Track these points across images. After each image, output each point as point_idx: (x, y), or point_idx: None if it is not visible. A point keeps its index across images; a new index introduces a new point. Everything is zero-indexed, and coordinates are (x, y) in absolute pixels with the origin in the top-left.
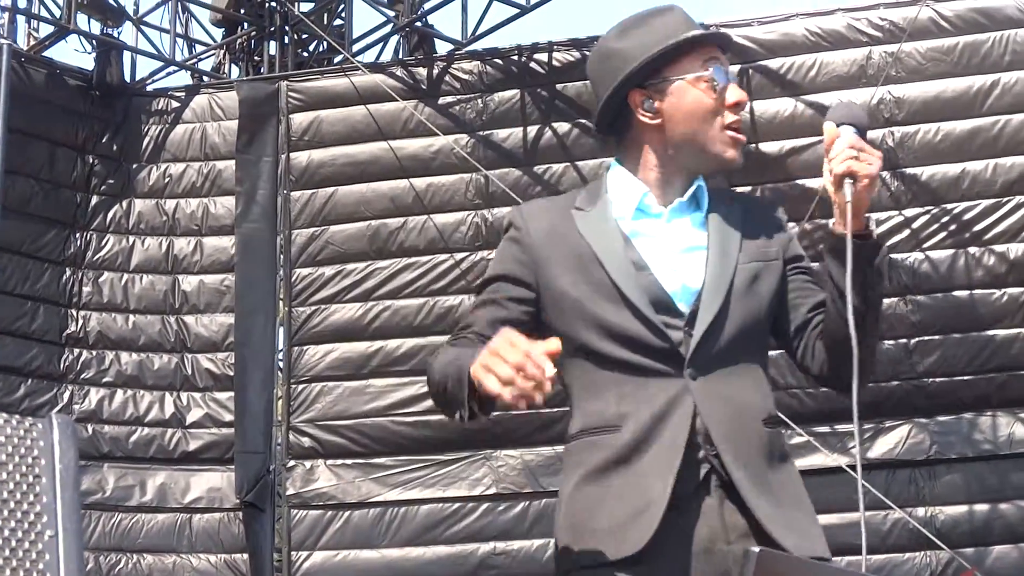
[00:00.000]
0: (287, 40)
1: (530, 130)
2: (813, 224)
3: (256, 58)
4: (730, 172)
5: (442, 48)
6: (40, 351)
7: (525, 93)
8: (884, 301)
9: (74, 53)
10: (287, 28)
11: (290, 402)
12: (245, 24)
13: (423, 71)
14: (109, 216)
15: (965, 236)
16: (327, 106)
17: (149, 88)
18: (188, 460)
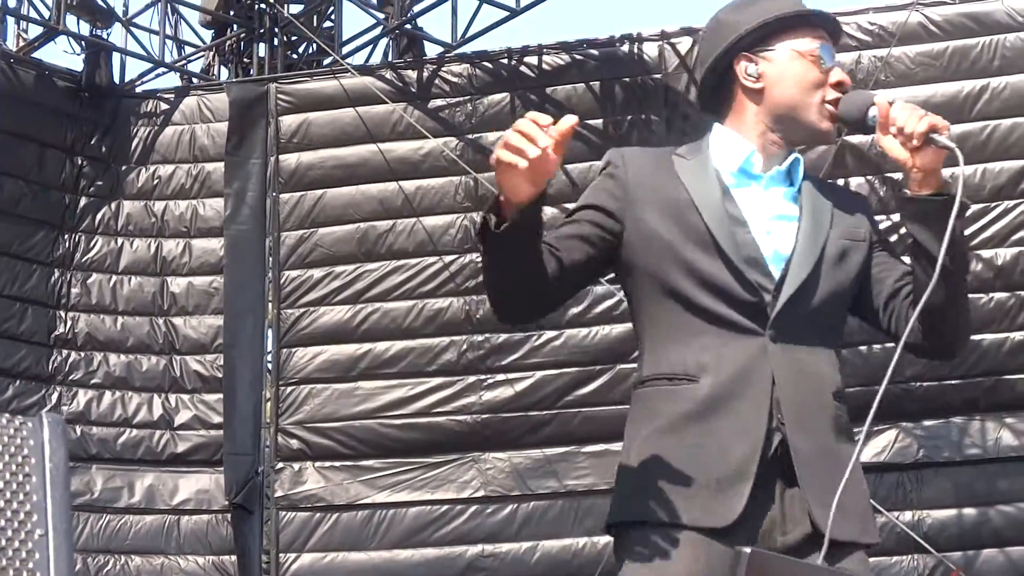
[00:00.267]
0: (276, 42)
1: None
2: None
3: (245, 60)
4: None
5: (432, 51)
6: (28, 352)
7: (515, 96)
8: None
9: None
10: (276, 30)
11: (279, 404)
12: (234, 26)
13: (413, 74)
14: (98, 218)
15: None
16: (316, 108)
17: (138, 89)
18: (176, 462)
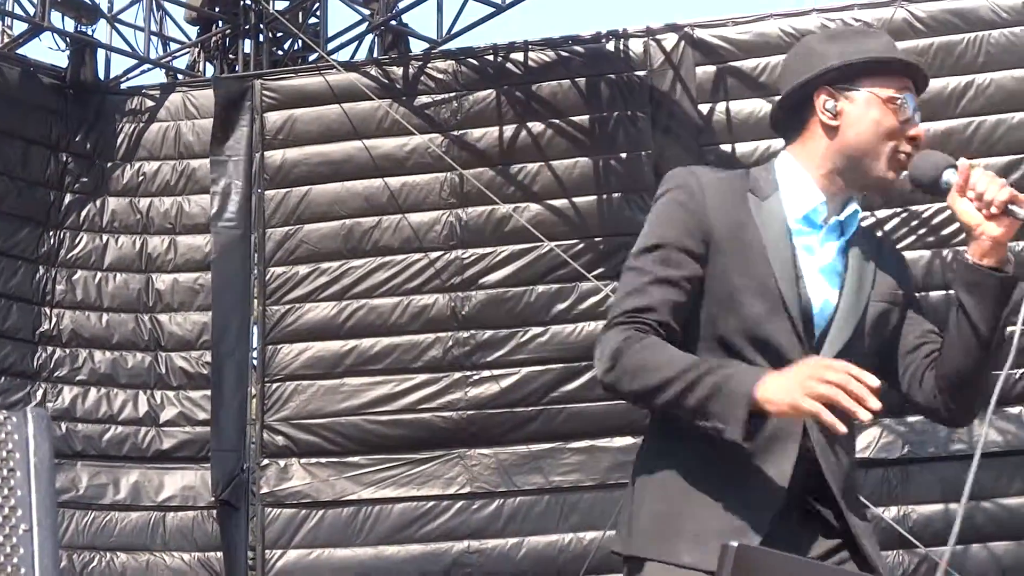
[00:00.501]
0: (262, 38)
1: (505, 130)
2: None
3: (231, 56)
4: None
5: (417, 47)
6: (13, 349)
7: (500, 93)
8: None
9: (48, 51)
10: (262, 26)
11: (264, 401)
12: (220, 22)
13: (398, 70)
14: (83, 214)
15: (938, 238)
16: (301, 105)
17: (123, 86)
18: (162, 458)
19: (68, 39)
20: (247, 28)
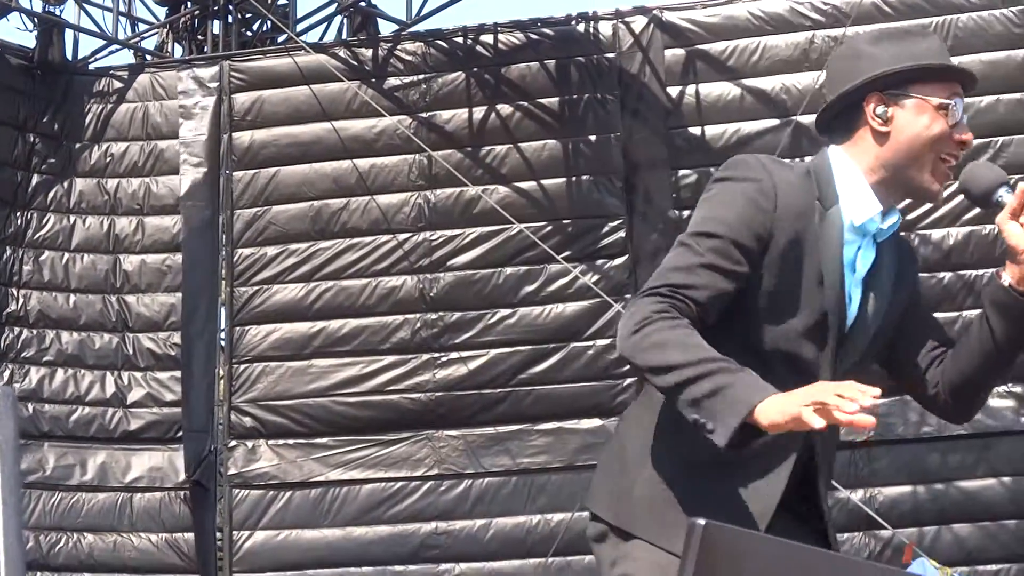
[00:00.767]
0: (231, 19)
1: (474, 112)
2: None
3: (199, 37)
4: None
5: (386, 28)
6: None
7: (469, 75)
8: None
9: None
10: (231, 7)
11: (232, 382)
12: (189, 3)
13: (367, 52)
14: (50, 195)
15: (903, 223)
16: (270, 86)
17: (92, 66)
18: (129, 439)
19: (36, 19)
20: (216, 9)
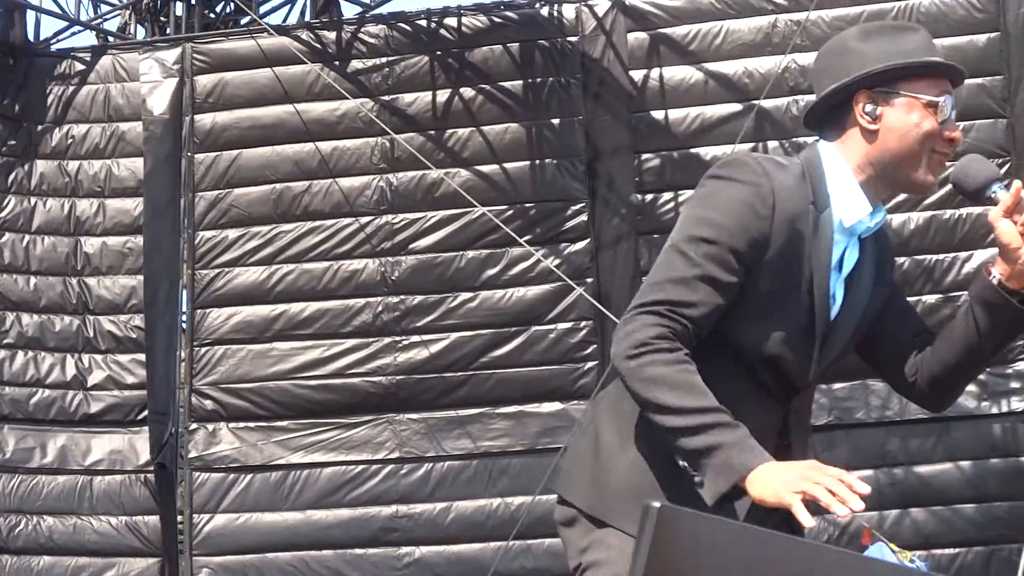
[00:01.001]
0: (193, 1)
1: (437, 95)
2: None
3: (162, 19)
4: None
5: (349, 11)
6: None
7: (433, 59)
8: None
9: None
10: None
11: (193, 365)
12: None
13: (330, 34)
14: (11, 177)
15: None
16: (232, 68)
17: (54, 48)
18: (90, 422)
19: None
20: None
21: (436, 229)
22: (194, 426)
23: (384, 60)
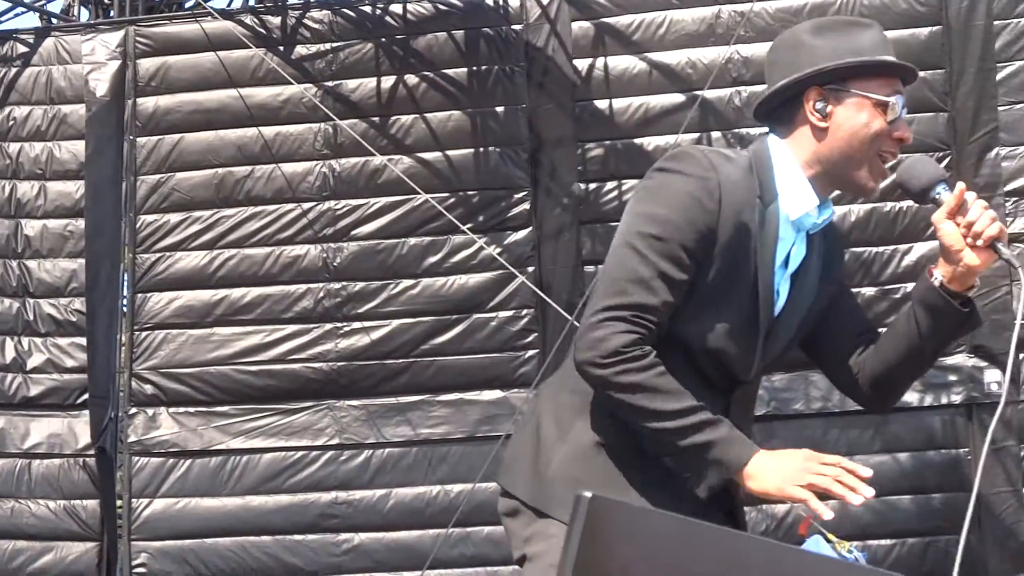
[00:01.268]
0: None
1: (380, 81)
2: None
3: (106, 1)
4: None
5: None
6: None
7: (378, 45)
8: None
9: None
10: None
11: (133, 349)
12: None
13: (275, 19)
14: None
15: None
16: (176, 52)
17: None
18: (28, 405)
19: None
20: None
21: (378, 216)
22: (134, 410)
23: (328, 46)
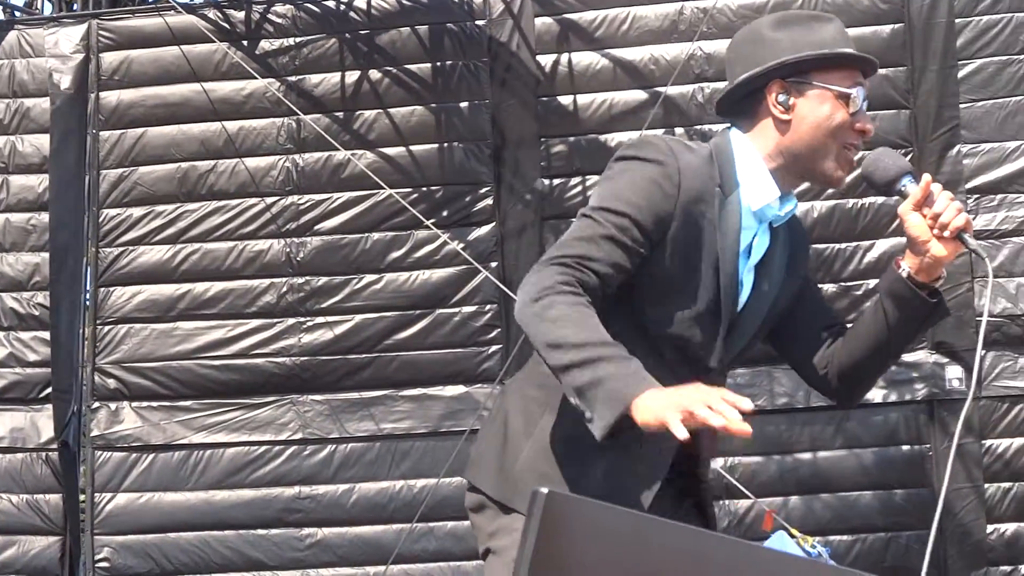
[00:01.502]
0: None
1: (344, 76)
2: None
3: None
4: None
5: None
6: None
7: (341, 40)
8: None
9: None
10: None
11: (96, 343)
12: None
13: (239, 13)
14: None
15: None
16: (139, 46)
17: None
18: None
19: None
20: None
21: (342, 210)
22: (96, 405)
23: (292, 41)
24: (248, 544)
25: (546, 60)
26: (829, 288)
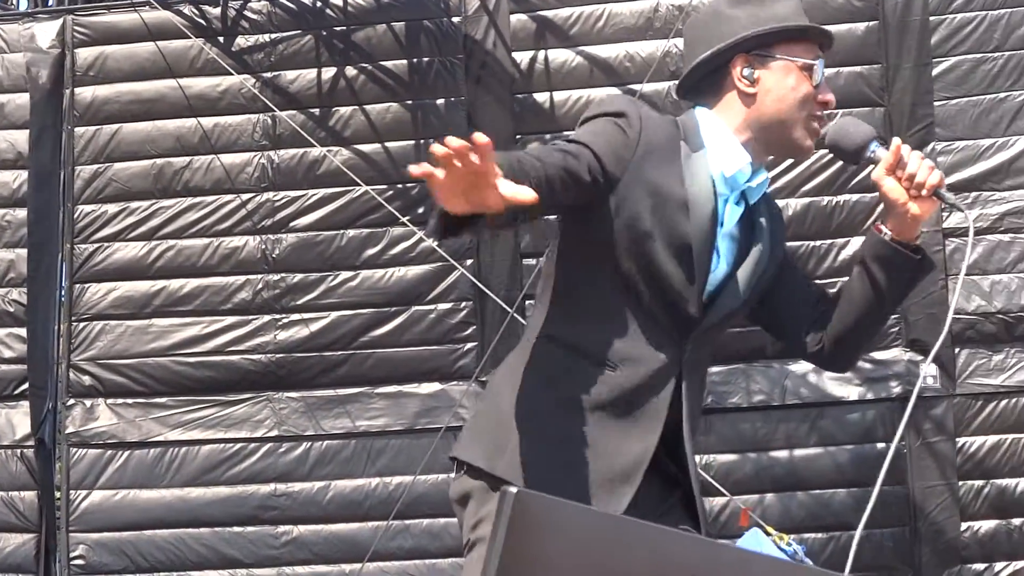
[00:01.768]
0: None
1: (320, 72)
2: None
3: None
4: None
5: None
6: None
7: (316, 36)
8: None
9: None
10: None
11: (71, 340)
12: None
13: (214, 10)
14: None
15: None
16: (114, 41)
17: None
18: None
19: None
20: None
21: (317, 207)
22: (72, 402)
23: (268, 37)
24: (223, 541)
25: (522, 57)
26: None
